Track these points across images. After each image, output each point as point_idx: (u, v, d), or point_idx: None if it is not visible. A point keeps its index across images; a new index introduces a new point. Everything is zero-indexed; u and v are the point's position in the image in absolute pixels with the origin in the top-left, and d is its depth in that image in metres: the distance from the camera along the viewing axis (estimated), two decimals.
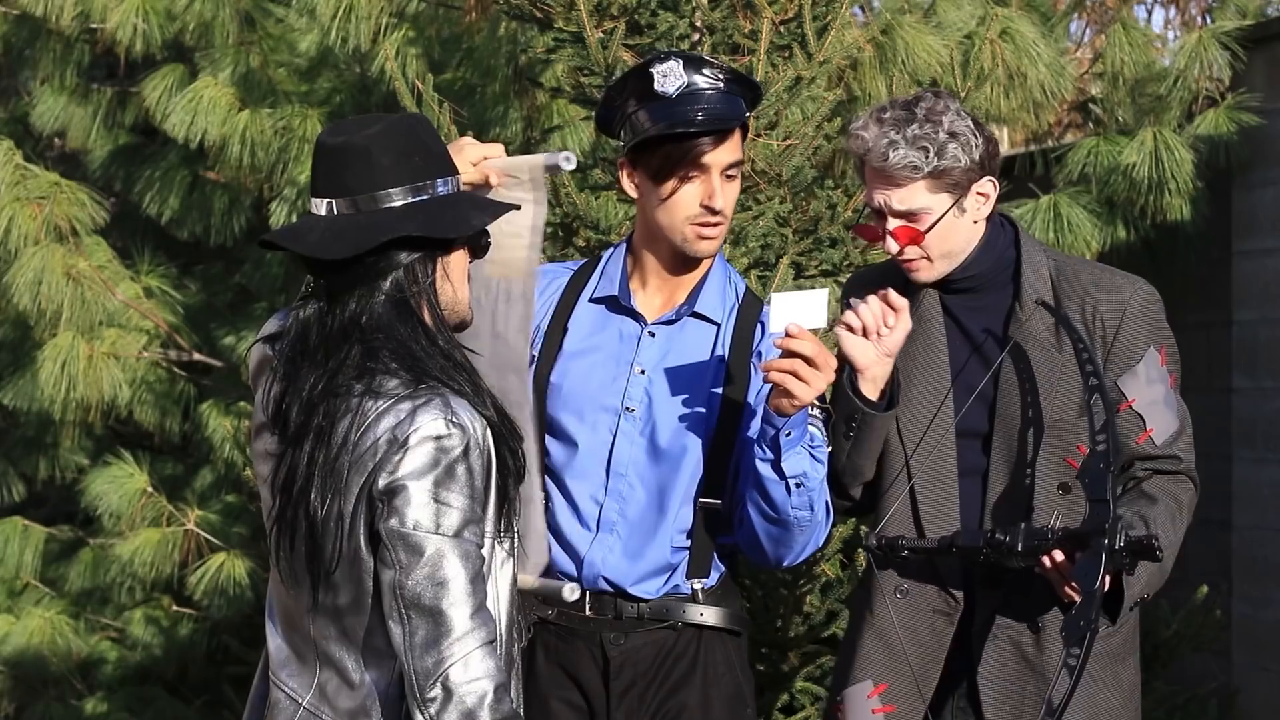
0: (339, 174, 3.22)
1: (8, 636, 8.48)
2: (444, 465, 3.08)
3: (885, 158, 3.73)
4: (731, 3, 5.41)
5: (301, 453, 3.15)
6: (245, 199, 8.28)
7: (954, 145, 3.74)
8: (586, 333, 3.85)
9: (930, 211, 3.76)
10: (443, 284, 3.22)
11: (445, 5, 7.48)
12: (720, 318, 3.81)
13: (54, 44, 8.46)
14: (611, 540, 3.78)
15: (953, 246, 3.81)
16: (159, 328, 8.36)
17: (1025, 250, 3.85)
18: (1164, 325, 3.87)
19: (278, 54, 8.11)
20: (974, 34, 6.80)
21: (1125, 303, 3.80)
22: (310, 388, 3.16)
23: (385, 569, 3.08)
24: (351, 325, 3.17)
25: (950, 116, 3.76)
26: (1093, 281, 3.83)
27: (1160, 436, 3.80)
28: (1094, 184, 7.31)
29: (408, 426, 3.08)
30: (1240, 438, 7.41)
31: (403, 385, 3.12)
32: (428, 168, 3.22)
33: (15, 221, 7.72)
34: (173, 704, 8.32)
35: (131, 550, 7.97)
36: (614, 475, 3.78)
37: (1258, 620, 7.34)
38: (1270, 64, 7.34)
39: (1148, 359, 3.79)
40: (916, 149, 3.72)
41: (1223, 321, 7.52)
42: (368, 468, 3.09)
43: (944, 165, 3.74)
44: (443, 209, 3.21)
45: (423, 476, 3.07)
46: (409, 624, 3.06)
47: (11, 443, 9.05)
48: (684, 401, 3.76)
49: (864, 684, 3.85)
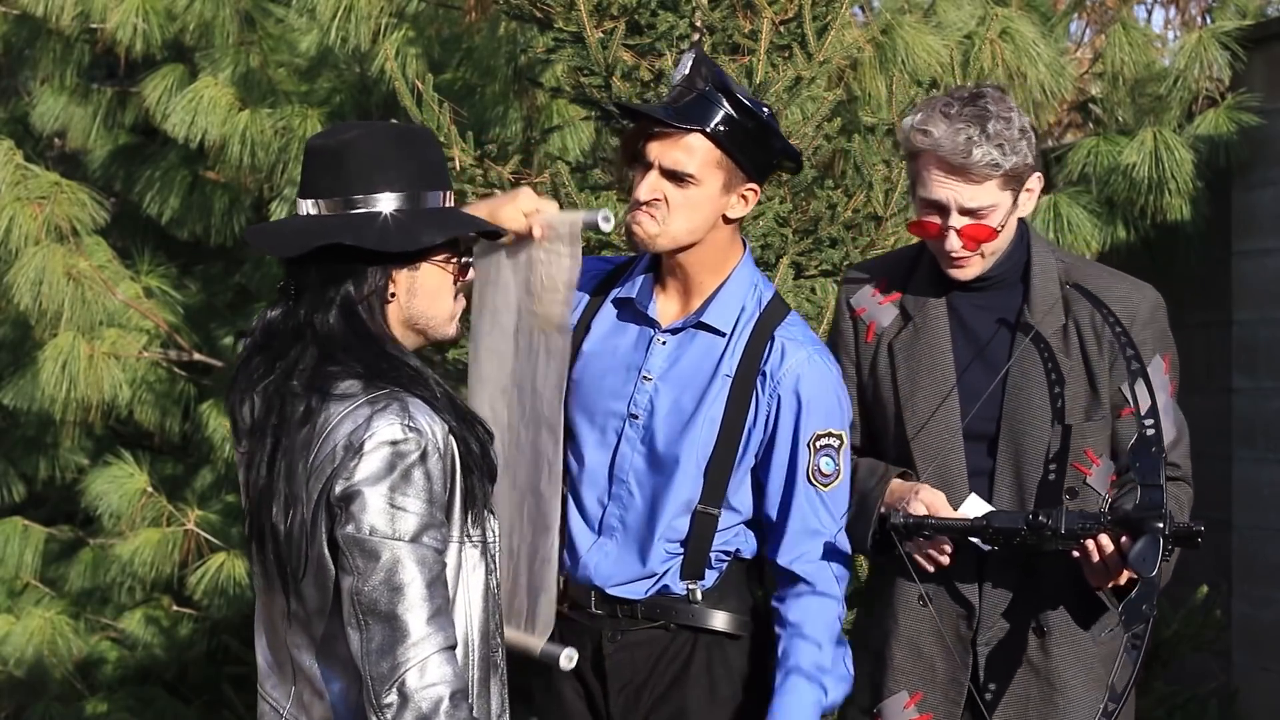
0: (313, 176, 3.23)
1: (8, 636, 8.48)
2: (400, 470, 3.06)
3: (967, 154, 3.68)
4: (731, 3, 5.41)
5: (262, 457, 3.15)
6: (245, 199, 8.29)
7: (1024, 142, 3.71)
8: (606, 333, 3.84)
9: (995, 209, 3.73)
10: (408, 297, 3.21)
11: (445, 5, 7.48)
12: (727, 328, 3.77)
13: (54, 44, 8.46)
14: (610, 545, 3.78)
15: (1002, 244, 3.79)
16: (159, 328, 8.36)
17: (1036, 251, 3.82)
18: (1168, 333, 3.86)
19: (278, 54, 8.11)
20: (974, 34, 6.80)
21: (1135, 309, 3.78)
22: (264, 387, 3.17)
23: (344, 575, 3.07)
24: (304, 327, 3.18)
25: (1018, 114, 3.74)
26: (1102, 286, 3.80)
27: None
28: (1094, 184, 7.31)
29: (364, 432, 3.07)
30: (1240, 438, 7.41)
31: (362, 390, 3.12)
32: (395, 178, 3.20)
33: (16, 221, 7.72)
34: (173, 704, 8.32)
35: (131, 550, 7.97)
36: (616, 481, 3.78)
37: (1258, 620, 7.34)
38: (1270, 64, 7.34)
39: (1153, 367, 3.76)
40: (996, 146, 3.68)
41: (1223, 321, 7.52)
42: (325, 473, 3.08)
43: (1017, 163, 3.71)
44: (401, 221, 3.18)
45: (378, 481, 3.05)
46: (366, 630, 3.05)
47: (11, 443, 9.05)
48: (683, 412, 3.74)
49: (899, 695, 3.84)
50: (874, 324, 3.90)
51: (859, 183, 5.43)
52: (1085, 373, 3.75)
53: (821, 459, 3.71)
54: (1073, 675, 3.80)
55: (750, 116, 3.69)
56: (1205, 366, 7.54)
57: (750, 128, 3.70)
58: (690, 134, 3.68)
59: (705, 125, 3.67)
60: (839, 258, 5.35)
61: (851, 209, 5.39)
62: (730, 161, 3.70)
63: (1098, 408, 3.77)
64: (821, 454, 3.72)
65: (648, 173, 3.70)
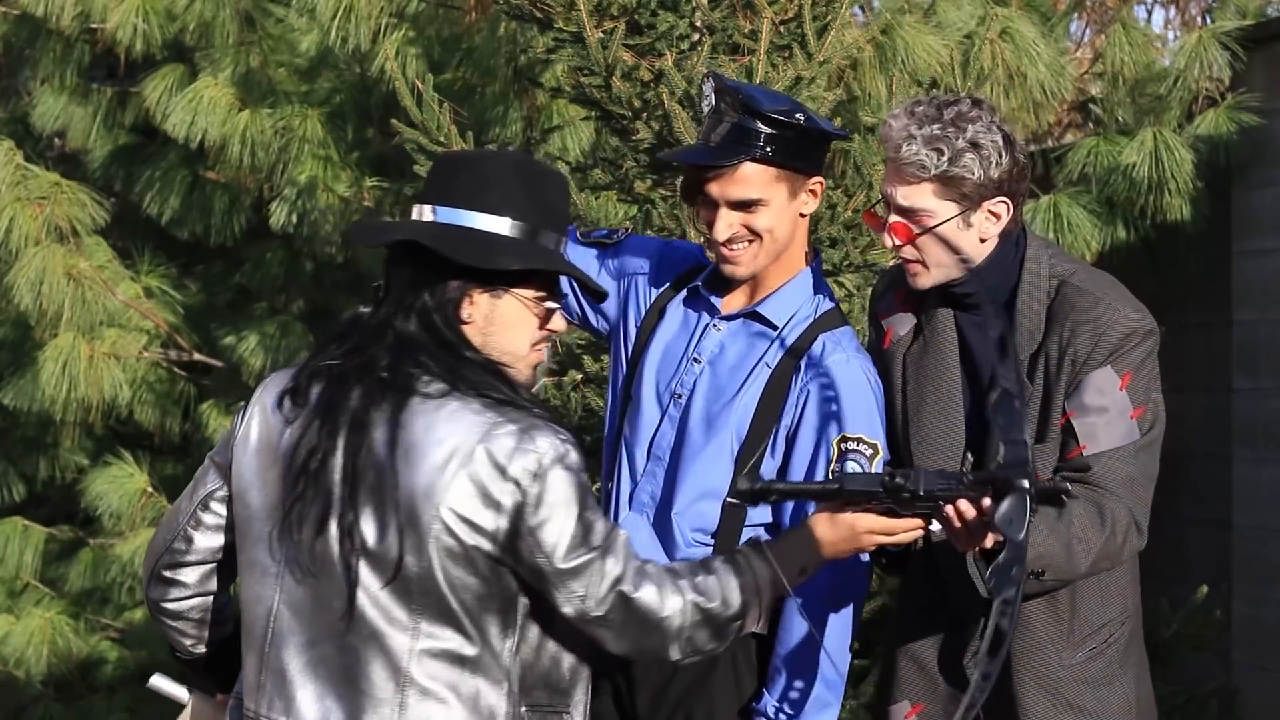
0: (434, 184, 3.25)
1: (8, 636, 8.48)
2: (578, 487, 3.10)
3: (899, 150, 3.67)
4: (731, 3, 5.41)
5: (334, 443, 3.10)
6: (245, 199, 8.29)
7: (971, 155, 3.64)
8: (675, 320, 3.89)
9: (932, 215, 3.68)
10: (485, 323, 3.20)
11: (445, 5, 7.48)
12: (780, 323, 3.79)
13: (54, 44, 8.47)
14: (640, 521, 3.80)
15: (950, 258, 3.69)
16: (159, 328, 8.37)
17: (1026, 272, 3.74)
18: (1139, 357, 3.68)
19: (278, 54, 8.11)
20: (974, 34, 6.80)
21: (1102, 330, 3.67)
22: (338, 369, 3.15)
23: (563, 604, 3.12)
24: (385, 326, 3.17)
25: (978, 127, 3.66)
26: (1082, 305, 3.69)
27: (1093, 450, 3.64)
28: (1094, 184, 7.31)
29: (523, 458, 3.08)
30: (1240, 438, 7.41)
31: (449, 394, 3.10)
32: (504, 203, 3.20)
33: (16, 222, 7.73)
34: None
35: (131, 550, 7.98)
36: (653, 458, 3.82)
37: (1258, 620, 7.34)
38: (1270, 64, 7.34)
39: (1103, 377, 3.65)
40: (930, 149, 3.64)
41: (1223, 321, 7.52)
42: (450, 485, 3.07)
43: (955, 173, 3.65)
44: (493, 243, 3.19)
45: (567, 505, 3.09)
46: (623, 630, 3.15)
47: (12, 443, 9.05)
48: (720, 396, 3.77)
49: (902, 704, 3.85)
50: (891, 330, 3.88)
51: (859, 183, 5.44)
52: (1042, 397, 3.69)
53: (847, 463, 3.70)
54: (1034, 701, 3.75)
55: (786, 128, 3.71)
56: (1205, 366, 7.54)
57: (791, 137, 3.72)
58: (739, 166, 3.72)
59: (750, 154, 3.71)
60: (839, 258, 5.36)
61: (851, 209, 5.39)
62: (787, 171, 3.74)
63: (1048, 430, 3.68)
64: (848, 458, 3.70)
65: (717, 210, 3.76)
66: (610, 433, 3.91)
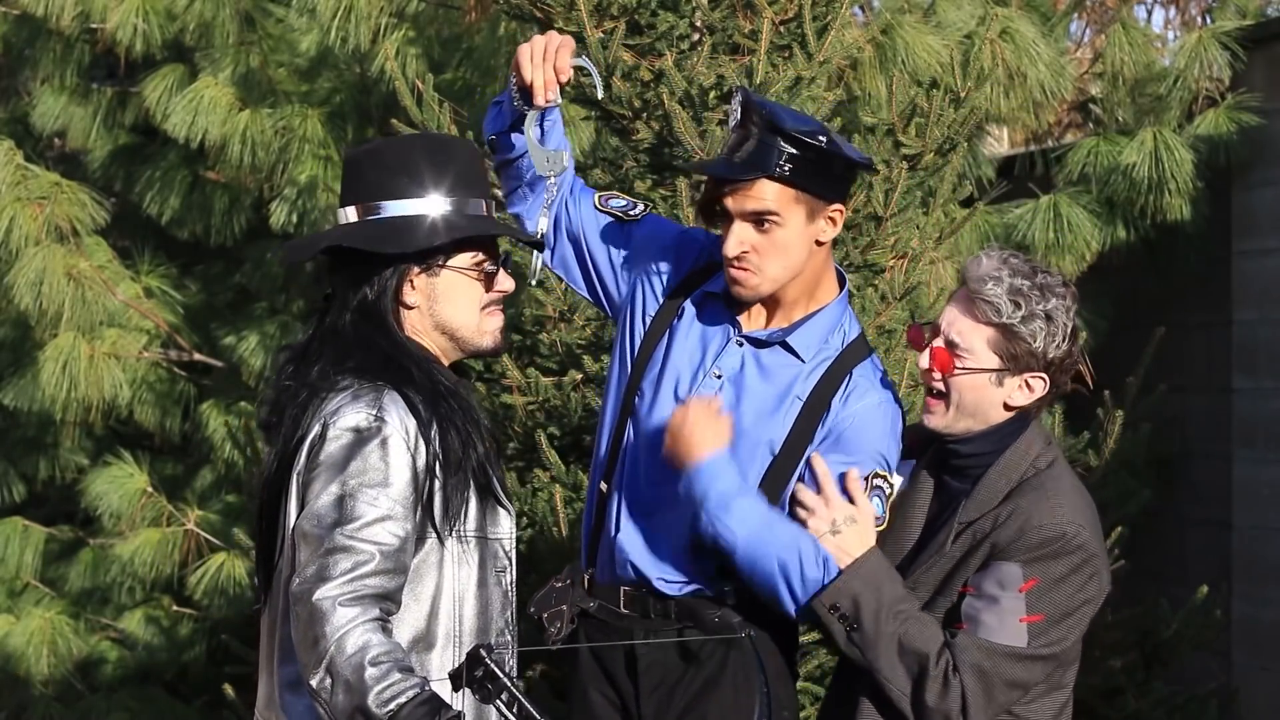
0: (345, 185, 3.32)
1: (8, 636, 8.48)
2: (359, 455, 3.12)
3: (980, 284, 3.64)
4: (731, 3, 5.41)
5: (272, 454, 3.24)
6: (245, 199, 8.29)
7: (1041, 324, 3.63)
8: (692, 321, 3.86)
9: (975, 359, 3.66)
10: (429, 302, 3.29)
11: (445, 5, 7.48)
12: (808, 356, 3.78)
13: (54, 44, 8.47)
14: (641, 526, 3.79)
15: (971, 409, 3.69)
16: (159, 328, 8.37)
17: (1013, 451, 3.70)
18: (1060, 570, 3.60)
19: (278, 54, 8.12)
20: (974, 34, 6.81)
21: (1029, 529, 3.60)
22: (283, 388, 3.26)
23: (285, 566, 3.17)
24: (327, 332, 3.28)
25: (1059, 304, 3.65)
26: (1027, 497, 3.64)
27: (969, 631, 3.58)
28: (1094, 184, 7.31)
29: (333, 417, 3.15)
30: (1240, 438, 7.42)
31: (353, 385, 3.19)
32: (413, 185, 3.27)
33: (16, 222, 7.73)
34: (173, 704, 8.32)
35: (131, 550, 7.98)
36: (659, 466, 3.77)
37: (1258, 620, 7.34)
38: (1270, 64, 7.35)
39: (1008, 571, 3.59)
40: (1011, 299, 3.63)
41: (1223, 321, 7.52)
42: (299, 460, 3.18)
43: (1019, 331, 3.63)
44: (414, 227, 3.25)
45: (334, 468, 3.12)
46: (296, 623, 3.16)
47: (11, 443, 9.05)
48: (740, 419, 3.74)
49: None
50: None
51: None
52: (958, 560, 3.64)
53: (872, 499, 3.71)
54: None
55: (808, 149, 3.70)
56: (1205, 366, 7.55)
57: (812, 159, 3.71)
58: (757, 182, 3.70)
59: (769, 171, 3.69)
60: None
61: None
62: (806, 194, 3.72)
63: (947, 590, 3.65)
64: (874, 495, 3.72)
65: (730, 225, 3.73)
66: (610, 433, 3.88)
